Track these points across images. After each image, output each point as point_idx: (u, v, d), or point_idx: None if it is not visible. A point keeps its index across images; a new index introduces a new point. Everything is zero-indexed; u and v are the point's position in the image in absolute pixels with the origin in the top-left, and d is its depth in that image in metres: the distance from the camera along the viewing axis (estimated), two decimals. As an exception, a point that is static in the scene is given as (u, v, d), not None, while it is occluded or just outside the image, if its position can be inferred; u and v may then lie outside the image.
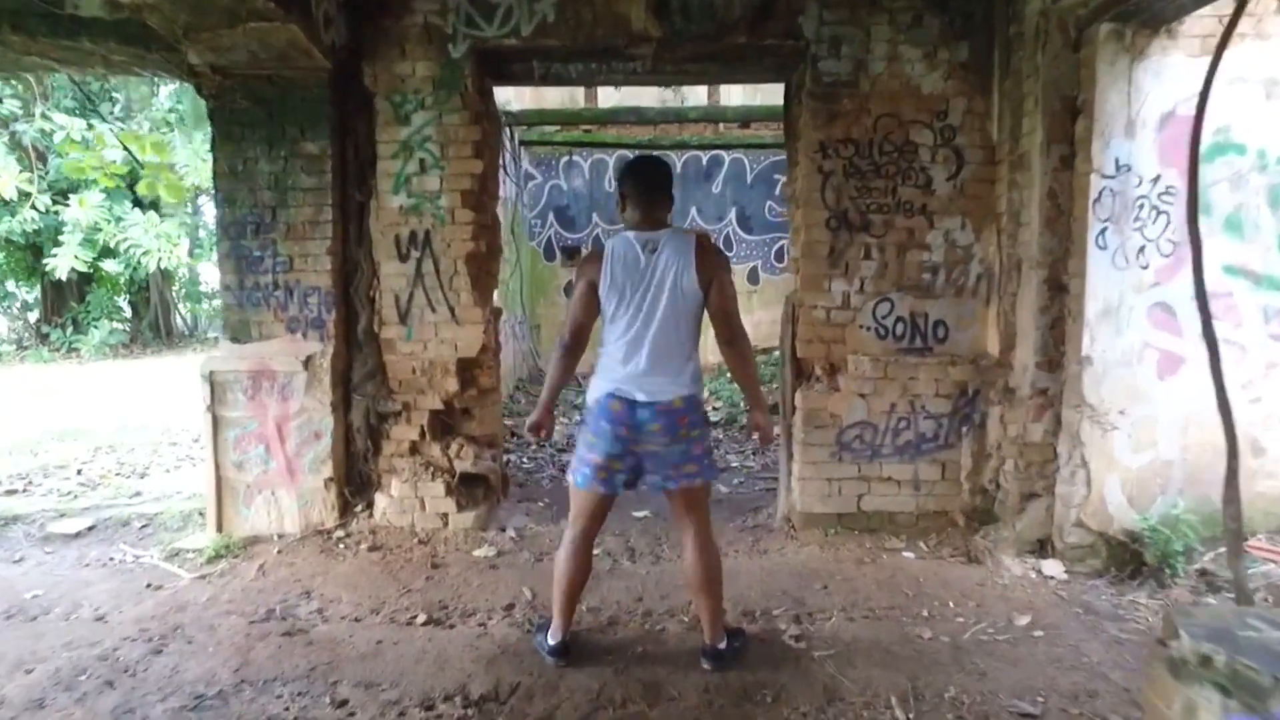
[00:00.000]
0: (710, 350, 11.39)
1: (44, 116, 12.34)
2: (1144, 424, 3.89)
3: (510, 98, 9.35)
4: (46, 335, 16.81)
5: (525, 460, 6.25)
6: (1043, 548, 4.13)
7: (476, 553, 4.40)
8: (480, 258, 4.68)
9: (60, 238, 13.71)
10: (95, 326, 16.60)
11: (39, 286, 17.26)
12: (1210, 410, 3.19)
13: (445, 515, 4.67)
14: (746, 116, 9.48)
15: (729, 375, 10.31)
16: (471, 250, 4.60)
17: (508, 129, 9.28)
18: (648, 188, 3.06)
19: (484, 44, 4.50)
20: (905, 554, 4.34)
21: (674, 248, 2.96)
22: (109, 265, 14.80)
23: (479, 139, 4.58)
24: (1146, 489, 3.93)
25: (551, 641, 3.19)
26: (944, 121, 4.50)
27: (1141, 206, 3.78)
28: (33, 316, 18.07)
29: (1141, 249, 3.80)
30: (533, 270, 10.99)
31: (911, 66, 4.47)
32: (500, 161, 5.64)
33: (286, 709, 2.88)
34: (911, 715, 2.82)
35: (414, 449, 4.74)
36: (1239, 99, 3.75)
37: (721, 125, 10.59)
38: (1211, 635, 2.03)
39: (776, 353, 11.06)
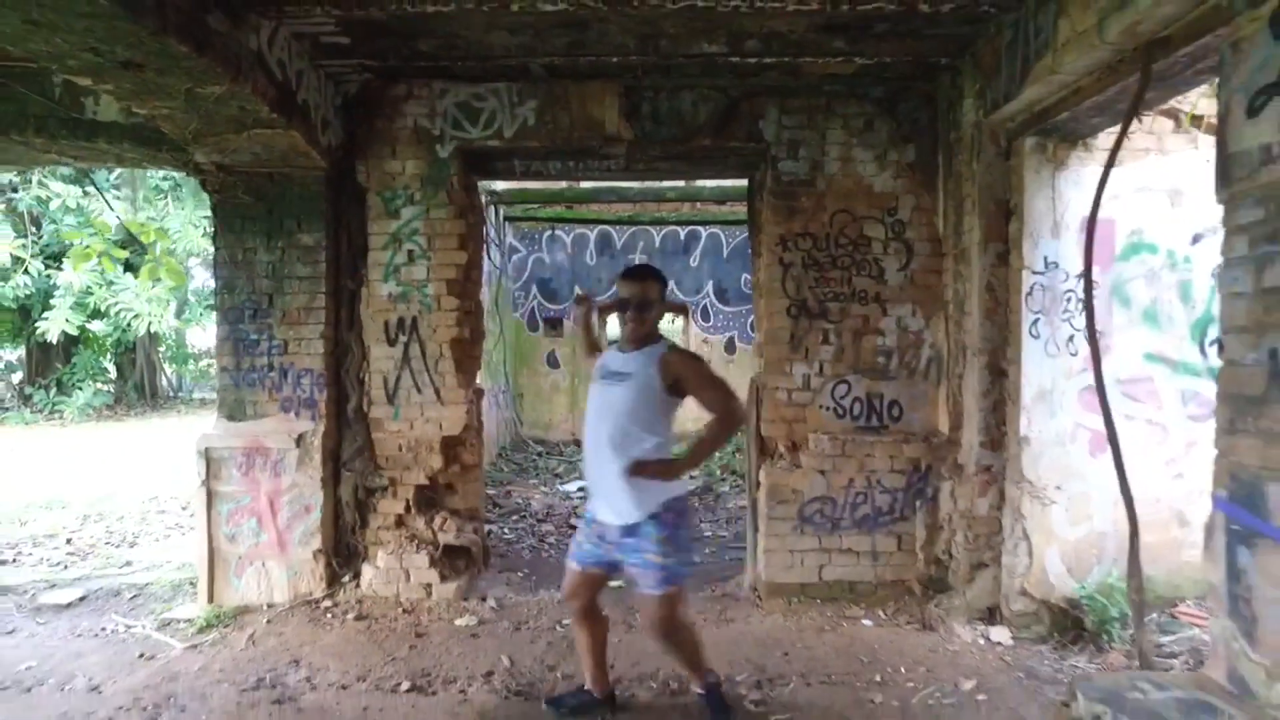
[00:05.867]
0: (689, 418, 11.68)
1: (40, 184, 12.76)
2: (1079, 499, 4.20)
3: (495, 176, 9.76)
4: (29, 397, 16.82)
5: (506, 531, 6.48)
6: (991, 615, 4.39)
7: (458, 622, 4.60)
8: (464, 342, 4.99)
9: (52, 301, 13.96)
10: (80, 388, 16.65)
11: (24, 347, 17.37)
12: (1139, 485, 3.50)
13: (429, 586, 4.88)
14: (722, 196, 9.89)
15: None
16: (456, 335, 4.92)
17: (493, 206, 9.70)
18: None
19: (469, 145, 4.88)
20: (864, 622, 4.59)
21: None
22: (96, 326, 14.97)
23: (464, 232, 4.93)
24: (1084, 559, 4.23)
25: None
26: (894, 217, 4.89)
27: (1069, 300, 4.15)
28: (16, 378, 18.12)
29: (1070, 338, 4.16)
30: (516, 341, 11.31)
31: (864, 167, 4.88)
32: (484, 249, 6.00)
33: (277, 775, 3.08)
34: (858, 776, 3.05)
35: (399, 522, 4.97)
36: (1149, 205, 4.16)
37: (698, 203, 11.04)
38: (1104, 697, 2.32)
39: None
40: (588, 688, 3.54)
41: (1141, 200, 4.16)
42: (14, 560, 6.03)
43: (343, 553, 5.01)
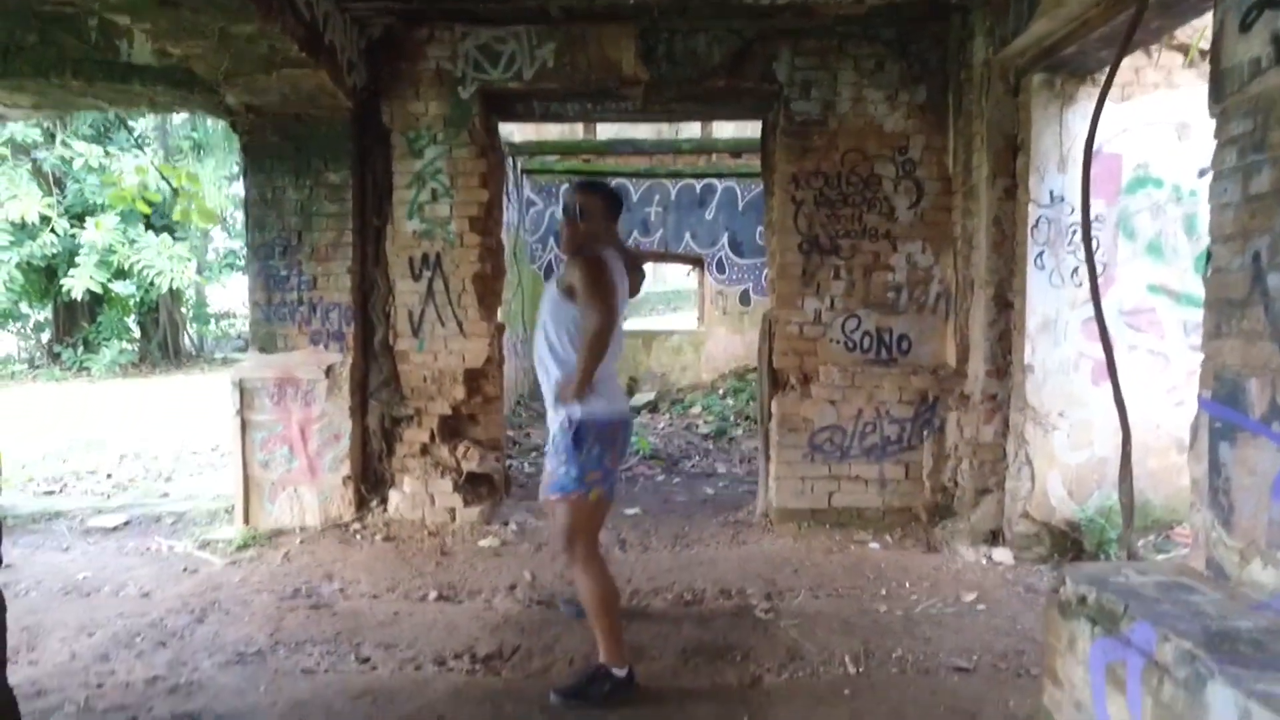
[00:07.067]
0: (705, 368, 11.86)
1: (64, 144, 12.97)
2: (1081, 425, 4.35)
3: (513, 130, 9.85)
4: (58, 355, 17.16)
5: (527, 466, 6.71)
6: (994, 538, 4.56)
7: (482, 543, 4.83)
8: (486, 278, 5.16)
9: (76, 259, 14.26)
10: (106, 346, 16.98)
11: (51, 307, 17.71)
12: (1139, 412, 3.64)
13: (453, 510, 5.11)
14: (736, 148, 9.98)
15: (720, 391, 10.79)
16: (478, 271, 5.09)
17: (510, 159, 9.81)
18: (619, 208, 3.34)
19: (490, 86, 5.01)
20: (871, 545, 4.78)
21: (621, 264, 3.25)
22: (119, 286, 15.26)
23: (485, 170, 5.08)
24: (1084, 483, 4.38)
25: None
26: (905, 156, 5.00)
27: (1074, 232, 4.26)
28: (44, 336, 18.48)
29: (1074, 270, 4.28)
30: (534, 292, 11.46)
31: (875, 107, 4.98)
32: (504, 190, 6.15)
33: (317, 664, 3.32)
34: (861, 670, 3.26)
35: (424, 450, 5.19)
36: (1156, 140, 4.24)
37: (714, 155, 11.10)
38: (1089, 581, 2.49)
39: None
40: None
41: (1149, 134, 4.24)
42: (61, 490, 6.32)
43: (370, 479, 5.23)
